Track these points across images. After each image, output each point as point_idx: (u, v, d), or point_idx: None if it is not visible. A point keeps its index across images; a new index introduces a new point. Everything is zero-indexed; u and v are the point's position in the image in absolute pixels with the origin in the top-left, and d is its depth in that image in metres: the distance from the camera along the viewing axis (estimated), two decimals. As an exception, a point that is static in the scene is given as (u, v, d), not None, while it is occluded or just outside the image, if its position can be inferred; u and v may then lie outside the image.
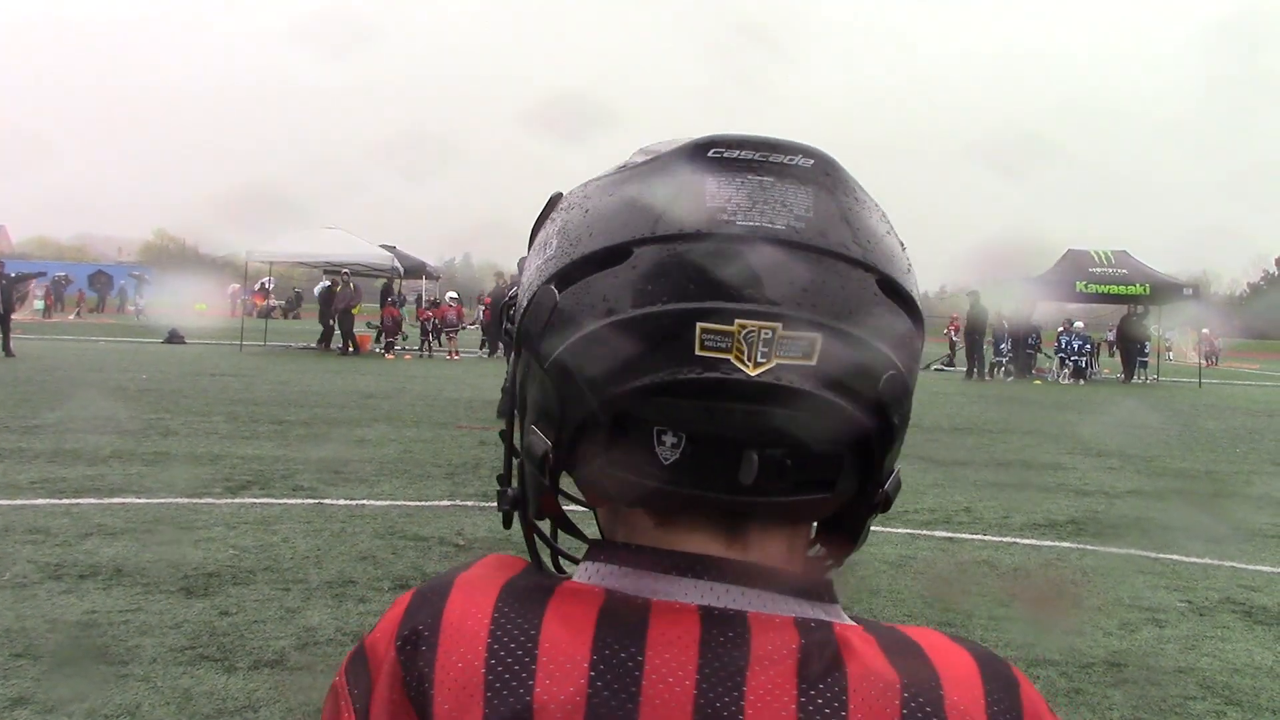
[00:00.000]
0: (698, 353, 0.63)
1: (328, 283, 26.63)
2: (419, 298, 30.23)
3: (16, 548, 5.73)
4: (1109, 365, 28.93)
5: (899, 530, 7.16)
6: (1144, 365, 26.67)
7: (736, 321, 0.63)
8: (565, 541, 0.81)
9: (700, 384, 0.63)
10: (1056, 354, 26.38)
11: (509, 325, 0.75)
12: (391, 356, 24.59)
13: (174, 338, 25.42)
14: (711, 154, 0.68)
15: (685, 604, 0.66)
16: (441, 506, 7.14)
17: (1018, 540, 7.04)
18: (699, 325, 0.63)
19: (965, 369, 25.70)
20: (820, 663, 0.65)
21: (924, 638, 0.70)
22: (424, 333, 26.10)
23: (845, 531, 0.74)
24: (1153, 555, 6.71)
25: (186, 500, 7.14)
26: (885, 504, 0.72)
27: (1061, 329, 26.50)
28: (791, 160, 0.69)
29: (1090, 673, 4.50)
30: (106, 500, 7.02)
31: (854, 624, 0.69)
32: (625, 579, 0.68)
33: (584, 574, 0.70)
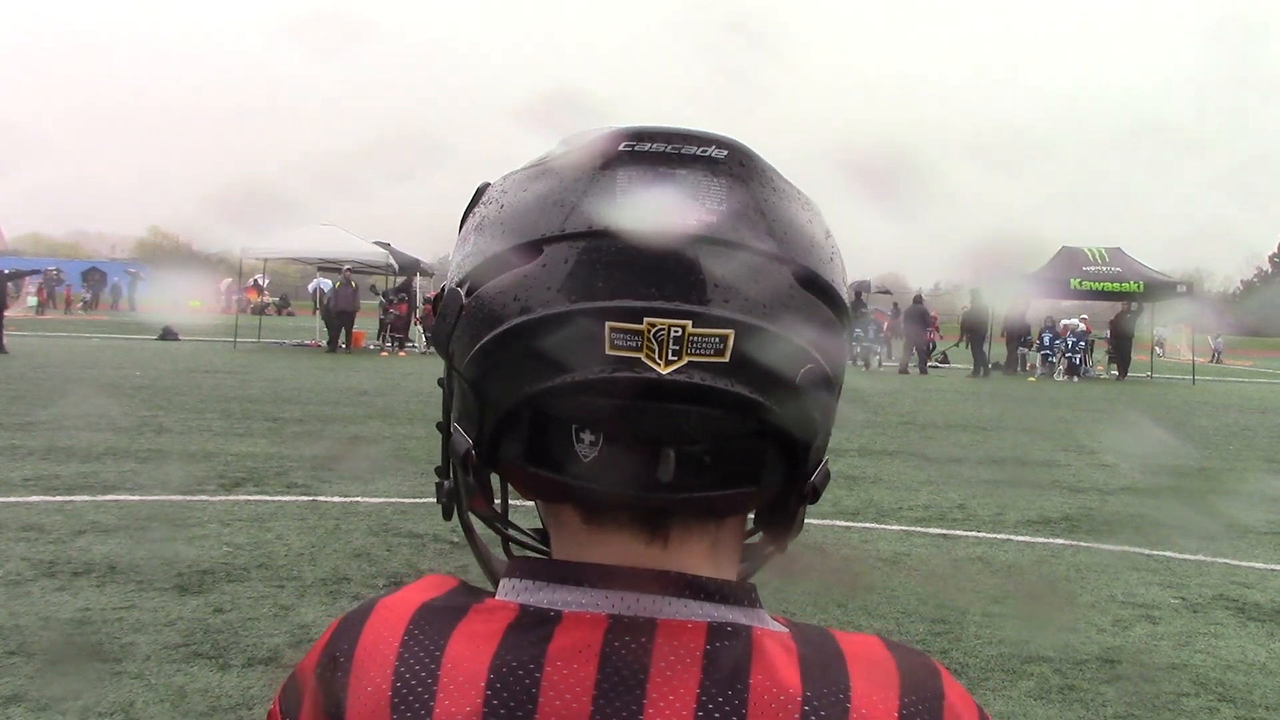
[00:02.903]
0: (608, 352, 0.63)
1: (326, 280, 26.54)
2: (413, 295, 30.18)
3: (10, 545, 5.71)
4: (1101, 362, 28.94)
5: (893, 527, 7.17)
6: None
7: (646, 320, 0.63)
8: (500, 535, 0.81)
9: (612, 383, 0.63)
10: (1038, 351, 26.43)
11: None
12: (384, 353, 24.58)
13: (168, 335, 25.37)
14: (623, 147, 0.67)
15: (596, 614, 0.66)
16: (436, 503, 7.10)
17: (1012, 537, 7.05)
18: (608, 324, 0.63)
19: (972, 367, 25.77)
20: (725, 670, 0.64)
21: (853, 645, 0.69)
22: (426, 329, 26.08)
23: (779, 521, 0.74)
24: (1146, 552, 6.73)
25: (180, 497, 7.13)
26: (814, 495, 0.72)
27: (1044, 326, 26.54)
28: (704, 151, 0.67)
29: (1084, 669, 4.50)
30: (100, 497, 7.01)
31: (779, 630, 0.69)
32: (540, 593, 0.68)
33: (503, 591, 0.70)
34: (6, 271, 21.51)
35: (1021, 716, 4.00)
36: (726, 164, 0.68)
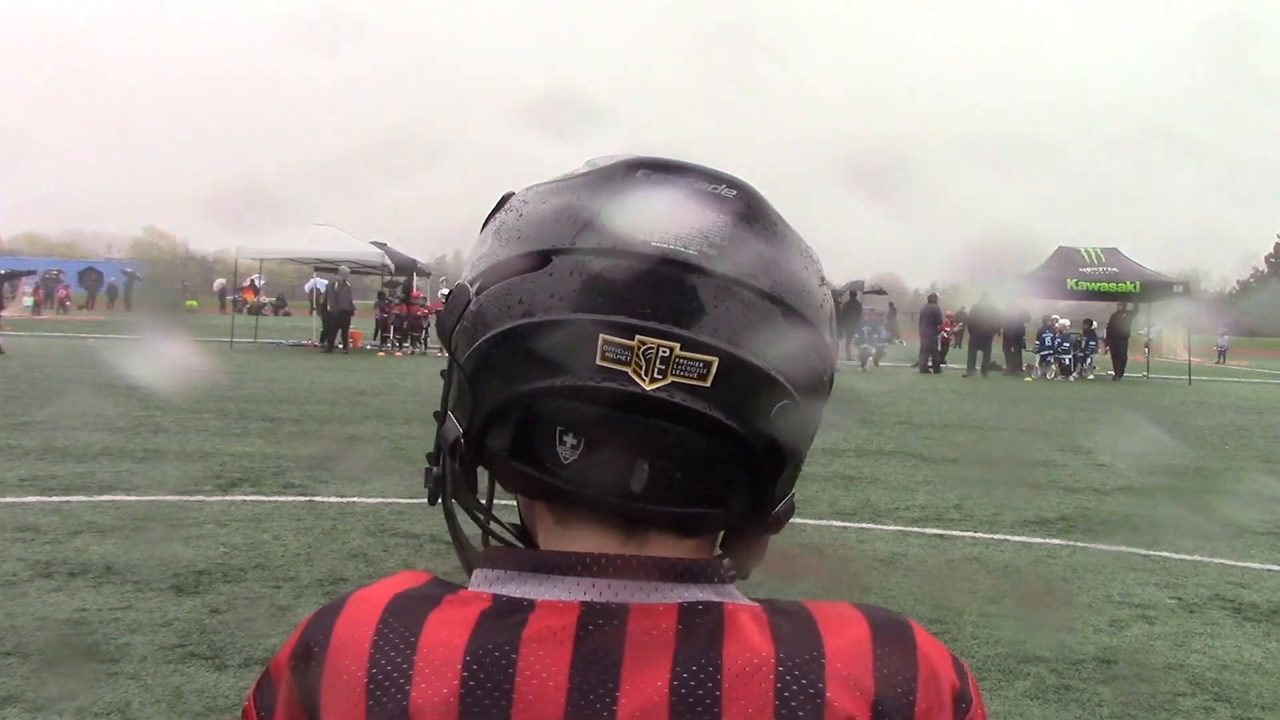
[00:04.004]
0: (598, 362, 0.66)
1: (323, 280, 26.51)
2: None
3: (6, 545, 5.71)
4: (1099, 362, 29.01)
5: (890, 527, 7.18)
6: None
7: (637, 337, 0.66)
8: (479, 528, 0.82)
9: (598, 392, 0.66)
10: (1037, 352, 26.49)
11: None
12: (381, 354, 24.57)
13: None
14: (639, 175, 0.71)
15: (568, 602, 0.68)
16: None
17: (1008, 537, 7.06)
18: (601, 337, 0.66)
19: (967, 366, 25.94)
20: (696, 646, 0.67)
21: (823, 610, 0.72)
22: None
23: (743, 546, 0.76)
24: (1143, 552, 6.74)
25: (177, 498, 7.12)
26: (776, 525, 0.74)
27: (1044, 327, 26.60)
28: (715, 189, 0.71)
29: (1080, 669, 4.51)
30: (96, 498, 7.00)
31: (750, 604, 0.71)
32: (511, 583, 0.70)
33: (475, 581, 0.72)
34: (3, 272, 21.50)
35: (1018, 716, 4.01)
36: (734, 203, 0.71)
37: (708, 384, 0.66)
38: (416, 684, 0.65)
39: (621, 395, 0.66)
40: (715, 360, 0.66)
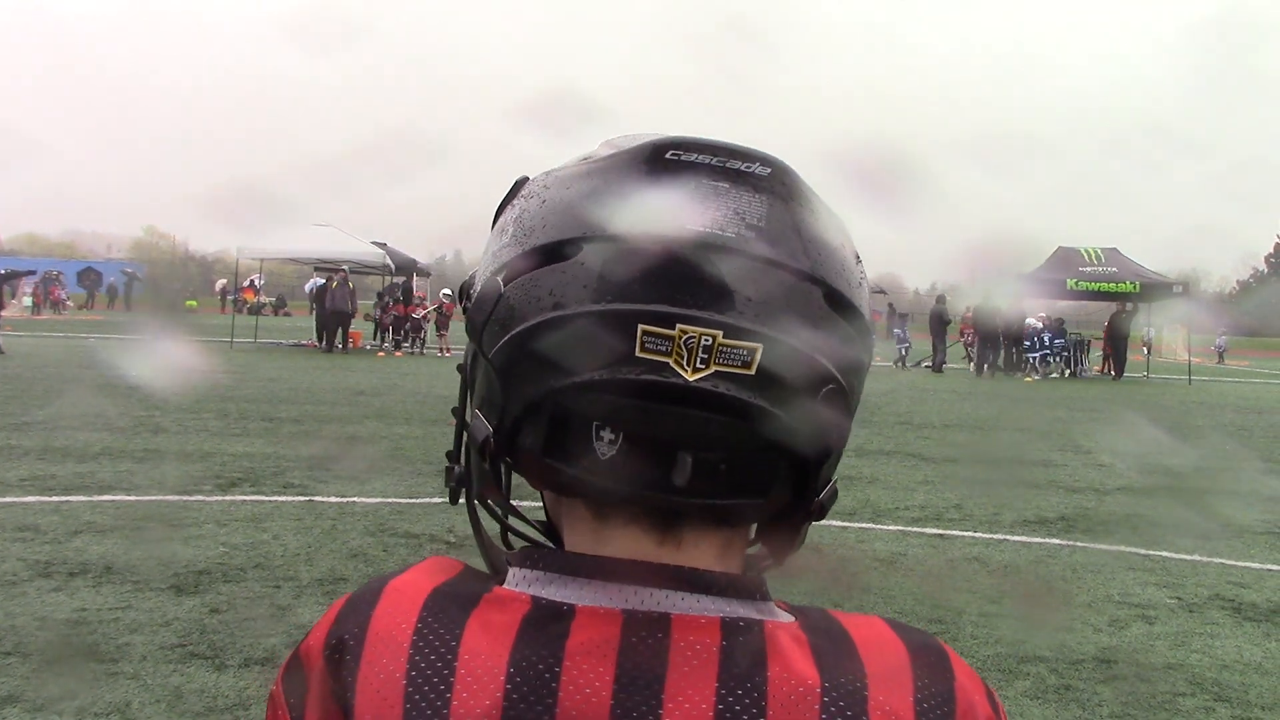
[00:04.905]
0: (638, 354, 0.64)
1: (320, 280, 26.50)
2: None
3: (6, 545, 5.70)
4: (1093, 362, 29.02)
5: (890, 527, 7.18)
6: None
7: (678, 327, 0.64)
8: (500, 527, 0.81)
9: (638, 385, 0.64)
10: (1037, 351, 26.51)
11: (467, 303, 0.76)
12: (381, 354, 24.57)
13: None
14: (669, 156, 0.68)
15: (610, 609, 0.67)
16: (433, 503, 7.11)
17: (1008, 537, 7.06)
18: (640, 327, 0.64)
19: (975, 365, 26.05)
20: (742, 665, 0.65)
21: (860, 630, 0.70)
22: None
23: (782, 535, 0.75)
24: (1142, 552, 6.74)
25: (177, 497, 7.12)
26: (820, 512, 0.73)
27: (1045, 326, 26.65)
28: (748, 168, 0.68)
29: (1080, 669, 4.51)
30: (96, 498, 7.00)
31: (788, 621, 0.69)
32: (551, 585, 0.68)
33: (512, 580, 0.70)
34: (3, 272, 21.50)
35: (1018, 716, 4.01)
36: (769, 181, 0.69)
37: (752, 371, 0.64)
38: (458, 693, 0.64)
39: (664, 388, 0.63)
40: (759, 347, 0.64)
